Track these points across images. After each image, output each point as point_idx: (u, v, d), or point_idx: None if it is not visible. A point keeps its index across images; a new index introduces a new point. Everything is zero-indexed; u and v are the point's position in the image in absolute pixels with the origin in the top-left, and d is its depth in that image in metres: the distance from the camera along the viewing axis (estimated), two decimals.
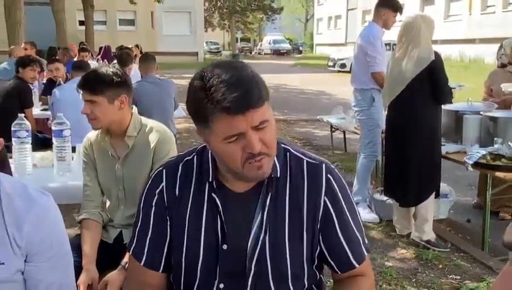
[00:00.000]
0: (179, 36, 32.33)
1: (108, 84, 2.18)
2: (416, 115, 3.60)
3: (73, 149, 3.00)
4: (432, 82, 3.49)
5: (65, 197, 2.64)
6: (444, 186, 4.00)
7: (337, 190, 1.38)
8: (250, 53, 49.93)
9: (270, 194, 1.34)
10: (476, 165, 3.53)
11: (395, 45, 3.89)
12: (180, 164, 1.43)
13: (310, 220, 1.35)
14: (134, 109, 2.37)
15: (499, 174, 3.43)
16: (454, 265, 3.46)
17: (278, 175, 1.34)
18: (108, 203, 2.46)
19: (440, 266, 3.45)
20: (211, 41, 47.70)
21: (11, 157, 2.83)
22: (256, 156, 1.22)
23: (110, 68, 2.28)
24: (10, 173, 2.31)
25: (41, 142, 3.52)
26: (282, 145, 1.41)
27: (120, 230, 2.36)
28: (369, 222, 4.21)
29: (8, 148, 3.06)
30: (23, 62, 4.98)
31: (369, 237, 3.89)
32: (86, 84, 2.21)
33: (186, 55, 31.84)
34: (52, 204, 1.47)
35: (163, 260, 1.42)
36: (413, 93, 3.56)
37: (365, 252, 1.42)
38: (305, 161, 1.40)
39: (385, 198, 4.23)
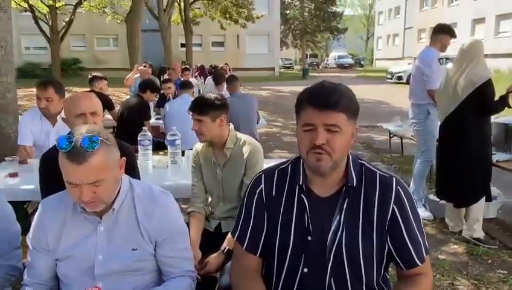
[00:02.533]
0: (259, 54, 33.74)
1: (212, 107, 2.39)
2: (468, 127, 3.58)
3: (182, 153, 3.35)
4: (482, 100, 3.48)
5: (176, 193, 2.81)
6: (493, 190, 3.89)
7: (405, 199, 1.45)
8: (318, 67, 50.16)
9: (347, 199, 1.44)
10: None
11: (447, 59, 3.92)
12: (276, 170, 1.57)
13: (380, 224, 1.43)
14: (231, 126, 2.59)
15: None
16: (501, 261, 3.40)
17: (354, 184, 1.44)
18: (210, 199, 2.67)
19: (489, 261, 3.39)
20: (285, 58, 48.63)
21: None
22: (317, 149, 1.36)
23: (212, 94, 2.49)
24: (138, 175, 2.46)
25: (156, 145, 3.84)
26: (359, 160, 1.51)
27: (219, 221, 2.56)
28: (424, 219, 4.18)
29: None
30: (146, 87, 5.40)
31: (425, 233, 3.89)
32: (195, 107, 2.43)
33: (264, 70, 33.27)
34: (172, 200, 1.72)
35: (260, 246, 1.55)
36: (466, 108, 3.55)
37: (426, 253, 1.47)
38: (378, 174, 1.48)
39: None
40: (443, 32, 4.33)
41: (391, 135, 7.04)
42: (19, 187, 2.86)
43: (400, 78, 23.13)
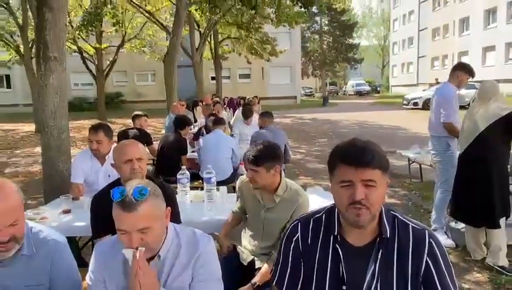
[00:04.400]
0: (282, 84, 34.07)
1: (267, 159, 2.39)
2: (488, 155, 3.54)
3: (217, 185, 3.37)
4: (506, 130, 3.47)
5: (212, 228, 2.90)
6: None
7: (438, 253, 1.40)
8: (337, 94, 50.27)
9: (381, 250, 1.41)
10: None
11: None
12: (312, 219, 1.55)
13: (414, 275, 1.38)
14: (283, 174, 2.53)
15: None
16: None
17: (388, 235, 1.41)
18: (250, 233, 2.62)
19: None
20: (306, 86, 48.76)
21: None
22: (357, 204, 1.33)
23: (267, 146, 2.47)
24: (177, 206, 2.49)
25: (192, 175, 3.81)
26: (392, 212, 1.48)
27: (253, 257, 2.50)
28: (446, 247, 4.05)
29: (169, 181, 3.45)
30: (181, 123, 5.54)
31: None
32: (251, 159, 2.42)
33: (287, 98, 33.50)
34: (211, 243, 1.72)
35: None
36: (486, 139, 3.53)
37: None
38: (410, 226, 1.44)
39: (460, 226, 4.08)
40: (462, 70, 4.28)
41: (410, 162, 6.90)
42: (72, 224, 2.91)
43: (415, 104, 22.78)
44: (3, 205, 1.49)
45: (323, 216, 1.54)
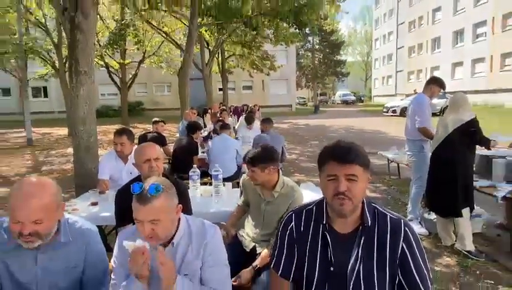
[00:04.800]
0: (279, 95, 34.07)
1: (260, 161, 2.40)
2: (455, 156, 3.53)
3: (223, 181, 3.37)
4: (469, 134, 3.47)
5: (220, 218, 2.90)
6: (478, 209, 3.79)
7: (412, 239, 1.41)
8: (327, 103, 50.21)
9: (363, 237, 1.42)
10: (505, 198, 3.36)
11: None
12: (304, 210, 1.56)
13: (392, 258, 1.40)
14: (281, 173, 2.53)
15: None
16: (489, 272, 3.24)
17: (369, 224, 1.42)
18: (252, 222, 2.62)
19: (478, 272, 3.23)
20: (300, 97, 48.69)
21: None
22: (341, 195, 1.35)
23: (263, 149, 2.48)
24: (189, 200, 2.49)
25: (201, 173, 3.85)
26: (372, 204, 1.48)
27: (255, 244, 2.50)
28: (420, 235, 4.05)
29: (182, 177, 3.47)
30: (193, 128, 5.54)
31: None
32: (248, 160, 2.46)
33: (284, 107, 33.50)
34: (218, 232, 1.72)
35: (292, 273, 1.54)
36: (453, 141, 3.53)
37: (431, 284, 1.42)
38: (388, 216, 1.44)
39: (432, 217, 4.08)
40: (434, 83, 4.28)
41: (389, 161, 6.89)
42: (99, 214, 2.91)
43: (394, 111, 22.75)
44: (32, 204, 1.46)
45: (314, 208, 1.54)
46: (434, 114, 4.28)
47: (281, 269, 1.55)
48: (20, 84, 19.06)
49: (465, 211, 3.51)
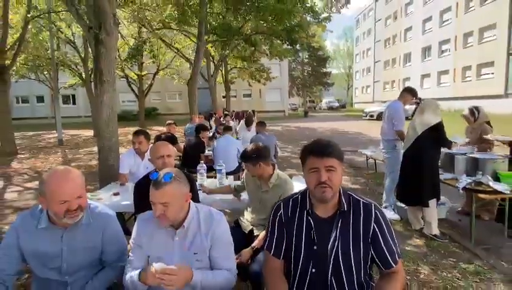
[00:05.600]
0: (274, 101, 33.97)
1: (250, 159, 2.43)
2: (422, 155, 3.52)
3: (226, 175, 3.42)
4: (435, 136, 3.46)
5: (223, 205, 2.92)
6: (442, 198, 3.80)
7: (382, 220, 1.43)
8: (315, 109, 50.02)
9: (340, 219, 1.44)
10: (465, 189, 3.37)
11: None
12: (291, 199, 1.57)
13: (365, 237, 1.42)
14: (276, 167, 2.53)
15: (479, 195, 3.26)
16: (451, 251, 3.28)
17: (345, 209, 1.44)
18: (250, 208, 2.62)
19: (442, 252, 3.27)
20: (292, 103, 48.47)
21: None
22: (322, 184, 1.37)
23: (253, 149, 2.47)
24: (197, 191, 2.49)
25: (208, 168, 3.81)
26: (348, 191, 1.49)
27: (252, 227, 2.50)
28: (393, 220, 4.07)
29: (191, 172, 3.46)
30: (202, 129, 5.54)
31: (393, 230, 3.67)
32: (243, 157, 2.49)
33: (278, 112, 33.38)
34: (223, 218, 1.70)
35: (282, 252, 1.54)
36: (422, 141, 3.51)
37: (398, 258, 1.44)
38: (361, 202, 1.46)
39: (404, 205, 4.06)
40: (408, 92, 4.27)
41: (368, 158, 6.90)
42: (120, 203, 2.90)
43: (372, 116, 22.67)
44: (72, 184, 1.51)
45: (299, 197, 1.55)
46: (407, 118, 4.27)
47: (272, 249, 1.55)
48: (52, 92, 18.97)
49: (432, 202, 3.51)
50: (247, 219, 2.59)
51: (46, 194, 1.49)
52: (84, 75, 16.14)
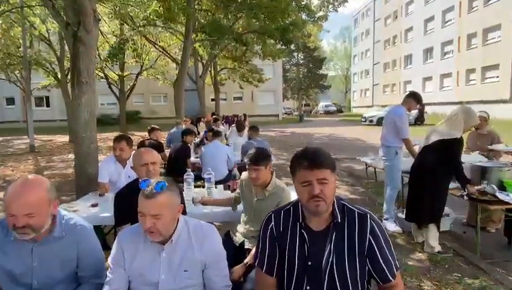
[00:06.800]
0: (267, 105, 34.10)
1: (266, 158, 2.42)
2: (426, 169, 3.49)
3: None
4: (445, 154, 3.35)
5: (212, 218, 2.90)
6: (446, 209, 3.81)
7: (378, 231, 1.43)
8: (311, 113, 50.43)
9: (335, 232, 1.44)
10: (470, 198, 3.41)
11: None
12: (282, 211, 1.56)
13: (361, 250, 1.41)
14: (274, 173, 2.52)
15: (485, 205, 3.30)
16: (456, 266, 3.29)
17: (339, 221, 1.44)
18: (244, 219, 2.61)
19: (446, 266, 3.29)
20: (286, 107, 48.79)
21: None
22: (315, 197, 1.37)
23: (260, 150, 2.47)
24: (183, 199, 2.47)
25: (195, 177, 3.78)
26: (341, 201, 1.49)
27: (243, 239, 2.50)
28: (395, 233, 4.09)
29: (177, 181, 3.41)
30: (187, 133, 5.60)
31: (395, 243, 3.75)
32: (255, 160, 2.40)
33: (271, 116, 33.57)
34: (215, 231, 1.70)
35: (275, 269, 1.53)
36: (430, 153, 3.49)
37: (396, 270, 1.44)
38: (356, 212, 1.46)
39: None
40: (412, 98, 4.24)
41: (367, 166, 6.95)
42: (99, 215, 2.86)
43: (371, 121, 22.97)
44: (22, 199, 1.47)
45: (291, 208, 1.54)
46: (409, 124, 4.31)
47: (264, 266, 1.54)
48: (23, 94, 18.69)
49: (432, 226, 3.52)
50: (238, 229, 2.58)
51: (3, 203, 1.50)
52: (59, 75, 15.96)
